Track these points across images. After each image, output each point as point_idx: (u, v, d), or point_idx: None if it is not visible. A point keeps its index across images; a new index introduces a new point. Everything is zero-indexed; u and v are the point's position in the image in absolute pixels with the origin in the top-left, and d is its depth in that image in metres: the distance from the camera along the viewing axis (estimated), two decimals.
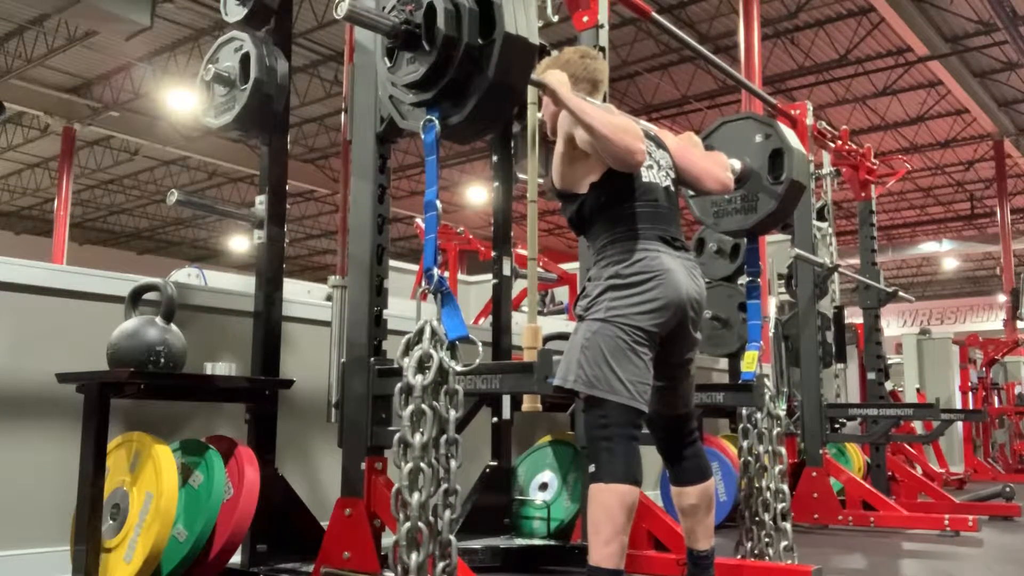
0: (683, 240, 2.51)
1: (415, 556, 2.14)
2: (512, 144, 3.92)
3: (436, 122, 2.26)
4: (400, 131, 2.63)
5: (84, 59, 14.28)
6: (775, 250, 6.63)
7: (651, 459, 2.67)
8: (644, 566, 3.12)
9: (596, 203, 2.44)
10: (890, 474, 5.67)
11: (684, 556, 2.58)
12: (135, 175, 19.96)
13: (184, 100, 13.99)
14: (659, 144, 2.61)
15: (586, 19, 3.33)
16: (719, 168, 2.74)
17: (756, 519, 3.16)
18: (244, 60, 3.17)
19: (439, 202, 2.28)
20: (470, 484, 3.72)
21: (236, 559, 2.90)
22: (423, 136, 2.28)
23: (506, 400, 3.74)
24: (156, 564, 2.58)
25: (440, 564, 2.18)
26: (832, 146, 5.68)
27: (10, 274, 2.88)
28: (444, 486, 2.20)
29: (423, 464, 2.17)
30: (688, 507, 2.51)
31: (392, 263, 2.98)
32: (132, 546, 2.56)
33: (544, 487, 3.80)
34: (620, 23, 12.16)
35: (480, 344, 2.28)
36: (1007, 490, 6.01)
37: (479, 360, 2.29)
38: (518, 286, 4.99)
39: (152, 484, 2.60)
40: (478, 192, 18.08)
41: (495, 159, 3.93)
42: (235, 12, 3.26)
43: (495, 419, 3.81)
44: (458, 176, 18.69)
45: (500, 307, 3.86)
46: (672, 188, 2.56)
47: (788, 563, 3.09)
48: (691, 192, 3.19)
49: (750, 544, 3.16)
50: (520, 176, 3.88)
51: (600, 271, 2.39)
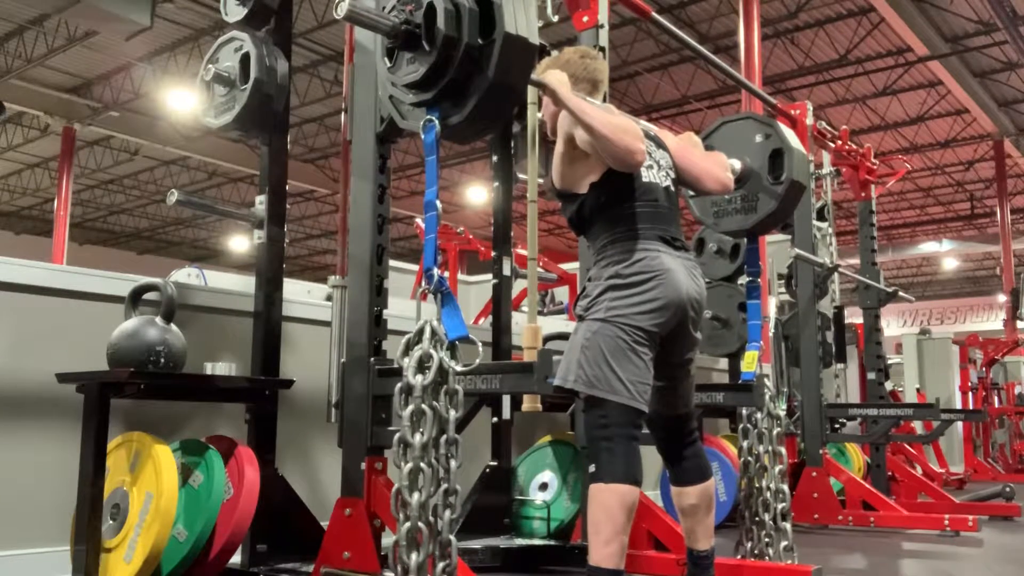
0: (683, 240, 2.51)
1: (415, 556, 2.14)
2: (512, 144, 3.91)
3: (436, 122, 2.26)
4: (400, 131, 2.63)
5: (84, 59, 14.28)
6: (775, 250, 6.62)
7: (651, 459, 2.67)
8: (644, 566, 3.12)
9: (596, 203, 2.44)
10: (890, 474, 5.67)
11: (684, 556, 2.58)
12: (135, 175, 19.96)
13: (184, 100, 13.99)
14: (659, 144, 2.61)
15: (586, 19, 3.33)
16: (719, 168, 2.74)
17: (756, 519, 3.16)
18: (244, 60, 3.17)
19: (439, 202, 2.28)
20: (470, 484, 3.72)
21: (236, 559, 2.90)
22: (423, 136, 2.28)
23: (506, 400, 3.74)
24: (156, 564, 2.58)
25: (440, 564, 2.19)
26: (832, 146, 5.68)
27: (10, 274, 2.88)
28: (444, 486, 2.20)
29: (423, 464, 2.17)
30: (688, 507, 2.51)
31: (392, 263, 2.98)
32: (132, 546, 2.56)
33: (544, 487, 3.80)
34: (620, 23, 12.16)
35: (480, 344, 2.28)
36: (1007, 490, 6.01)
37: (479, 360, 2.29)
38: (518, 286, 4.99)
39: (152, 484, 2.60)
40: (478, 192, 18.08)
41: (495, 159, 3.93)
42: (235, 12, 3.26)
43: (495, 419, 3.81)
44: (458, 176, 18.69)
45: (500, 307, 3.86)
46: (672, 188, 2.56)
47: (788, 563, 3.09)
48: (691, 192, 3.19)
49: (750, 544, 3.16)
50: (520, 176, 3.88)
51: (600, 271, 2.39)
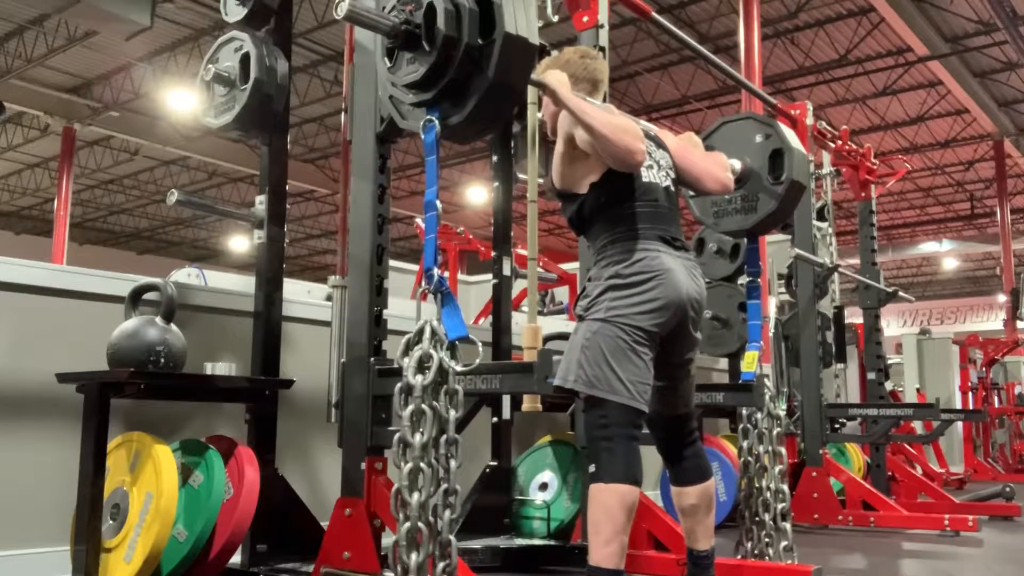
0: (683, 240, 2.51)
1: (415, 556, 2.14)
2: (512, 144, 3.91)
3: (436, 122, 2.26)
4: (400, 131, 2.63)
5: (84, 59, 14.28)
6: (775, 250, 6.62)
7: (651, 459, 2.67)
8: (644, 566, 3.12)
9: (596, 203, 2.44)
10: (890, 474, 5.66)
11: (684, 556, 2.58)
12: (135, 175, 19.96)
13: (184, 100, 13.99)
14: (659, 144, 2.61)
15: (586, 19, 3.33)
16: (719, 168, 2.74)
17: (756, 519, 3.16)
18: (244, 60, 3.17)
19: (439, 202, 2.28)
20: (470, 484, 3.72)
21: (236, 559, 2.90)
22: (423, 136, 2.28)
23: (506, 400, 3.74)
24: (156, 564, 2.58)
25: (440, 564, 2.19)
26: (832, 146, 5.68)
27: (10, 274, 2.88)
28: (444, 486, 2.20)
29: (423, 464, 2.17)
30: (688, 507, 2.51)
31: (392, 263, 2.98)
32: (132, 546, 2.56)
33: (544, 487, 3.80)
34: (620, 23, 12.16)
35: (480, 344, 2.28)
36: (1007, 490, 6.01)
37: (479, 360, 2.29)
38: (518, 286, 4.99)
39: (152, 484, 2.60)
40: (478, 192, 18.08)
41: (495, 159, 3.93)
42: (235, 12, 3.26)
43: (495, 419, 3.81)
44: (458, 176, 18.69)
45: (500, 307, 3.86)
46: (672, 188, 2.56)
47: (788, 563, 3.09)
48: (691, 192, 3.19)
49: (750, 544, 3.16)
50: (520, 176, 3.88)
51: (600, 271, 2.39)
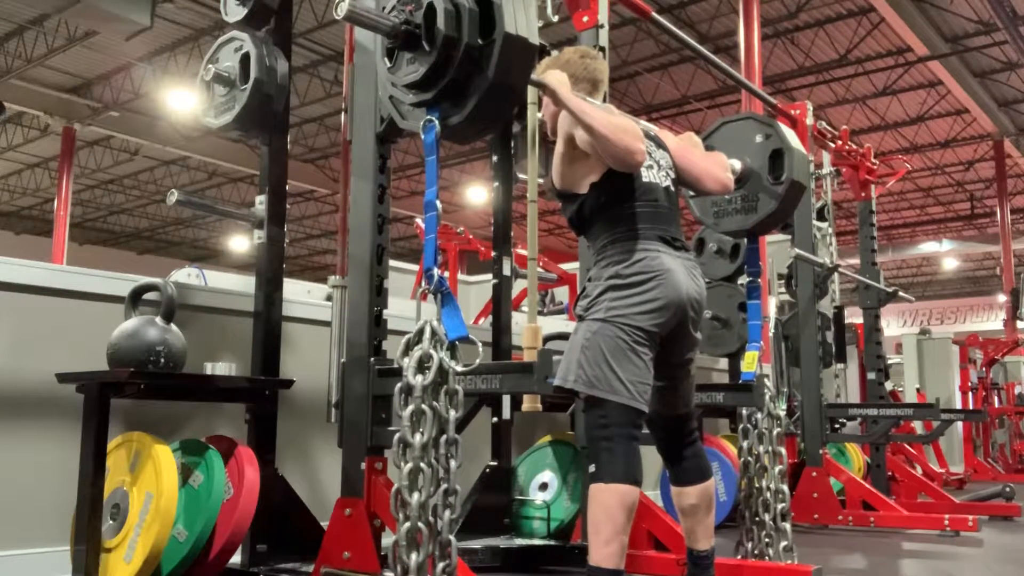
0: (683, 240, 2.51)
1: (415, 556, 2.14)
2: (512, 144, 3.91)
3: (436, 122, 2.26)
4: (400, 131, 2.63)
5: (84, 59, 14.28)
6: (775, 250, 6.62)
7: (651, 459, 2.67)
8: (644, 566, 3.12)
9: (596, 203, 2.44)
10: (890, 474, 5.66)
11: (684, 556, 2.58)
12: (135, 175, 19.96)
13: (184, 100, 13.99)
14: (659, 144, 2.61)
15: (586, 19, 3.33)
16: (719, 168, 2.74)
17: (756, 519, 3.16)
18: (244, 60, 3.17)
19: (439, 202, 2.28)
20: (470, 484, 3.72)
21: (236, 559, 2.90)
22: (423, 136, 2.28)
23: (506, 400, 3.74)
24: (156, 564, 2.58)
25: (440, 564, 2.18)
26: (832, 146, 5.68)
27: (10, 274, 2.88)
28: (444, 486, 2.20)
29: (423, 464, 2.17)
30: (688, 507, 2.51)
31: (392, 263, 2.98)
32: (132, 546, 2.56)
33: (544, 487, 3.80)
34: (620, 23, 12.16)
35: (480, 344, 2.28)
36: (1007, 490, 6.01)
37: (479, 360, 2.29)
38: (518, 286, 4.99)
39: (152, 484, 2.60)
40: (478, 192, 18.07)
41: (495, 159, 3.93)
42: (235, 12, 3.26)
43: (495, 419, 3.81)
44: (458, 176, 18.69)
45: (500, 307, 3.86)
46: (672, 188, 2.56)
47: (788, 563, 3.09)
48: (691, 192, 3.19)
49: (750, 544, 3.16)
50: (520, 176, 3.88)
51: (600, 271, 2.39)
